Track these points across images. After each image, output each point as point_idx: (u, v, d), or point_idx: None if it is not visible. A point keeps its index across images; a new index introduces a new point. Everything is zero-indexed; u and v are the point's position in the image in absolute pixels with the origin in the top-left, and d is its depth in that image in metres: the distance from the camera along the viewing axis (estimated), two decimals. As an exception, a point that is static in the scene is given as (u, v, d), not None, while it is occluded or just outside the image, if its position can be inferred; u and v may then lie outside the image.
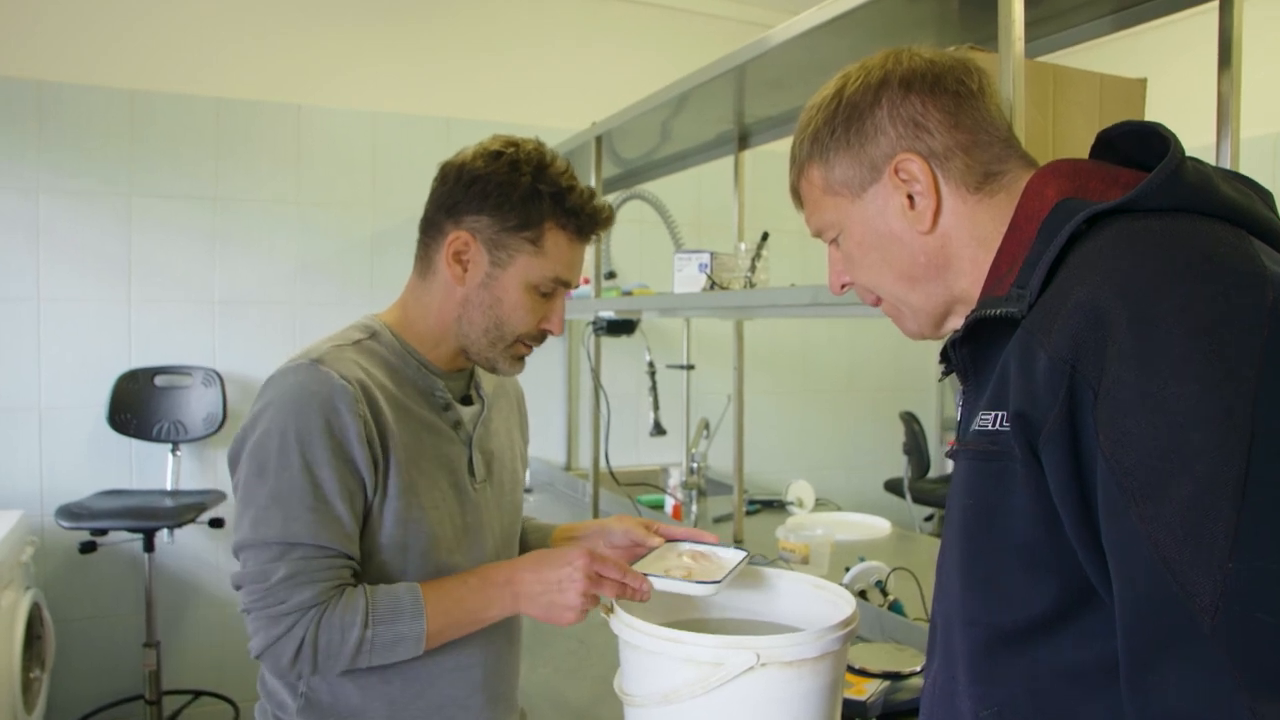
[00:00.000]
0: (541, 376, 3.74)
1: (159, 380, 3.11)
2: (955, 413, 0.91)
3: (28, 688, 2.78)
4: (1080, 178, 0.83)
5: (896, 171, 0.88)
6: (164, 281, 3.15)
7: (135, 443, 3.05)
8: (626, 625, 1.11)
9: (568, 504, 3.24)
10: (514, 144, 1.24)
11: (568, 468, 3.78)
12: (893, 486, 4.16)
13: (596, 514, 2.50)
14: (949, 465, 4.43)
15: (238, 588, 1.14)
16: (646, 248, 3.81)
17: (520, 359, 1.30)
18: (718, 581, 1.16)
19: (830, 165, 0.93)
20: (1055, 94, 1.11)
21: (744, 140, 2.43)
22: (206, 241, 3.20)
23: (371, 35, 3.43)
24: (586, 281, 2.58)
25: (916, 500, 3.89)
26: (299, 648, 1.10)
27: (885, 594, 1.87)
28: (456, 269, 1.23)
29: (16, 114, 2.97)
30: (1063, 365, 0.69)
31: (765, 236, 2.01)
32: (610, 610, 1.15)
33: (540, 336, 1.29)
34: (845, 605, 1.19)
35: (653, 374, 3.14)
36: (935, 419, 4.51)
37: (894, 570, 1.92)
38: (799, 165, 0.98)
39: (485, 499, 1.31)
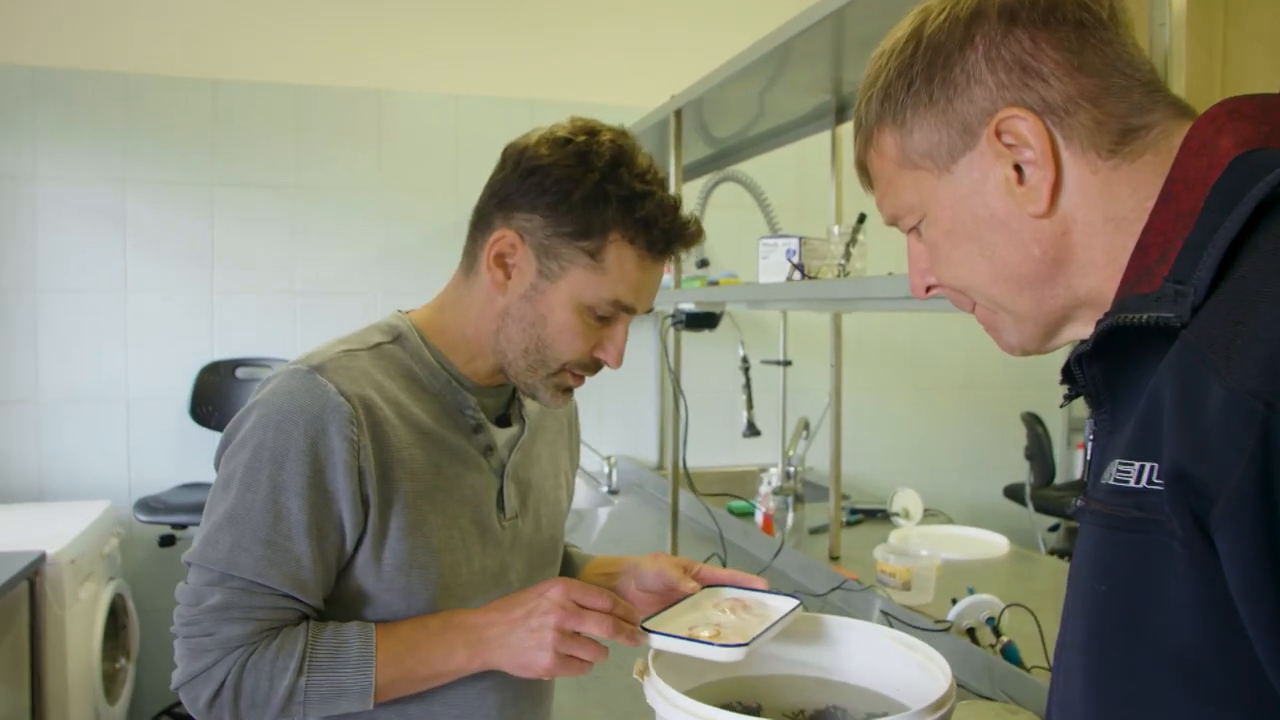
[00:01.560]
0: (632, 369, 3.56)
1: (240, 372, 3.06)
2: (1084, 414, 0.68)
3: (113, 677, 2.78)
4: (1273, 118, 0.58)
5: (998, 134, 0.65)
6: (245, 272, 3.11)
7: (217, 435, 3.01)
8: (661, 697, 0.90)
9: (655, 508, 3.05)
10: (590, 131, 1.03)
11: (659, 467, 3.59)
12: (1014, 493, 3.81)
13: (675, 524, 2.30)
14: (1077, 468, 4.07)
15: (179, 603, 0.99)
16: (745, 234, 3.56)
17: (567, 390, 1.09)
18: (744, 644, 0.93)
19: (907, 130, 0.71)
20: (1226, 22, 0.85)
21: (842, 112, 2.18)
22: (287, 231, 3.14)
23: (452, 17, 3.30)
24: (668, 270, 2.38)
25: (1039, 509, 3.55)
26: (217, 691, 0.94)
27: (998, 634, 1.61)
28: (498, 274, 1.03)
29: (103, 106, 2.96)
30: (1251, 404, 0.46)
31: (862, 219, 1.76)
32: (645, 672, 0.95)
33: (594, 366, 1.08)
34: (939, 675, 0.96)
35: (746, 370, 2.92)
36: (1063, 420, 4.13)
37: (1009, 607, 1.65)
38: (866, 132, 0.75)
39: (514, 537, 1.12)
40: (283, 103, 3.12)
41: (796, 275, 1.72)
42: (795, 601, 1.06)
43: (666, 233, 1.02)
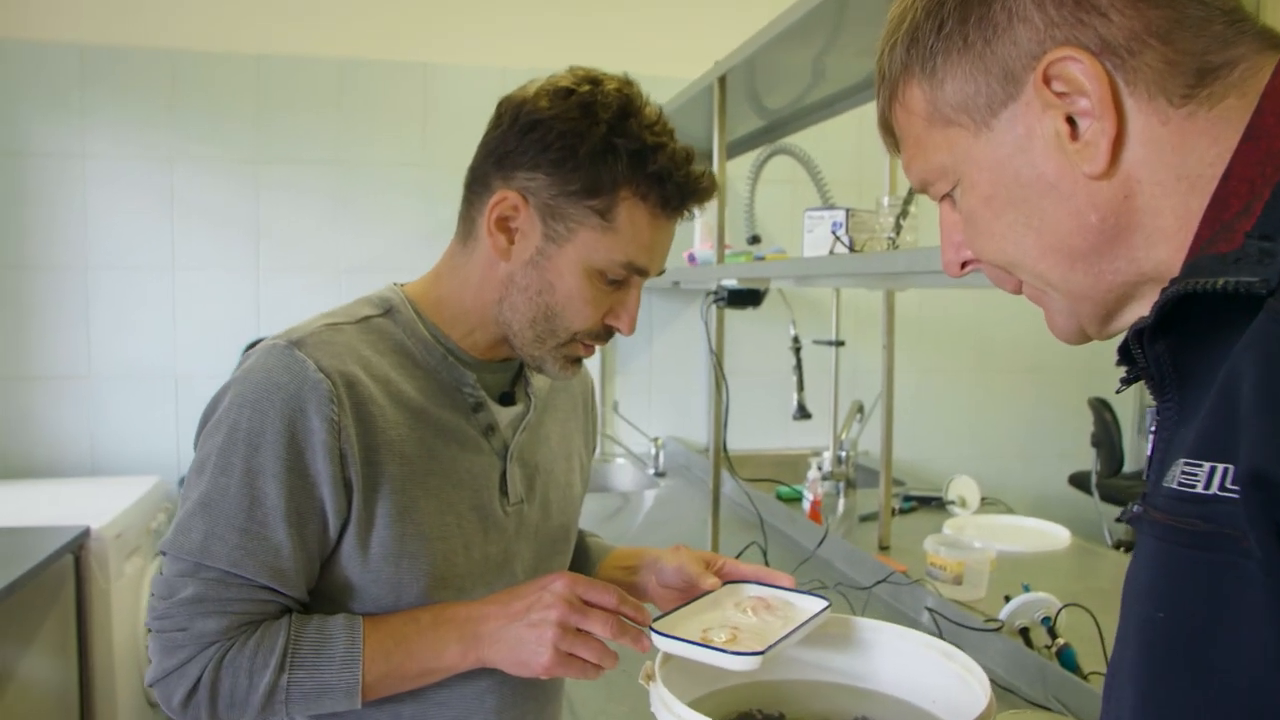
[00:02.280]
0: (681, 347, 3.48)
1: (285, 349, 3.05)
2: (1149, 430, 0.59)
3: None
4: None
5: (1047, 80, 0.56)
6: (291, 249, 3.09)
7: (264, 412, 3.01)
8: (664, 706, 0.83)
9: (702, 491, 2.97)
10: (593, 80, 0.95)
11: (709, 450, 3.51)
12: (1080, 481, 3.65)
13: (716, 509, 2.22)
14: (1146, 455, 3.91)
15: (153, 595, 0.94)
16: (798, 209, 3.44)
17: (575, 361, 1.02)
18: (758, 653, 0.85)
19: (938, 80, 0.61)
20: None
21: (898, 79, 2.05)
22: (332, 208, 3.11)
23: (502, -14, 3.23)
24: (711, 245, 2.29)
25: (1106, 499, 3.38)
26: (193, 688, 0.89)
27: (1054, 635, 1.51)
28: (500, 239, 0.96)
29: (150, 83, 2.96)
30: None
31: (913, 190, 1.65)
32: (651, 677, 0.88)
33: (605, 334, 1.01)
34: (978, 689, 0.86)
35: (797, 350, 2.82)
36: (1134, 405, 3.94)
37: (1066, 606, 1.54)
38: (890, 85, 0.66)
39: (519, 524, 1.05)
40: (327, 77, 3.09)
41: (840, 249, 1.62)
42: (824, 603, 0.98)
43: (681, 187, 0.94)
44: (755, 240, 3.03)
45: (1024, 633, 1.54)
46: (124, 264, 2.97)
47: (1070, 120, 0.56)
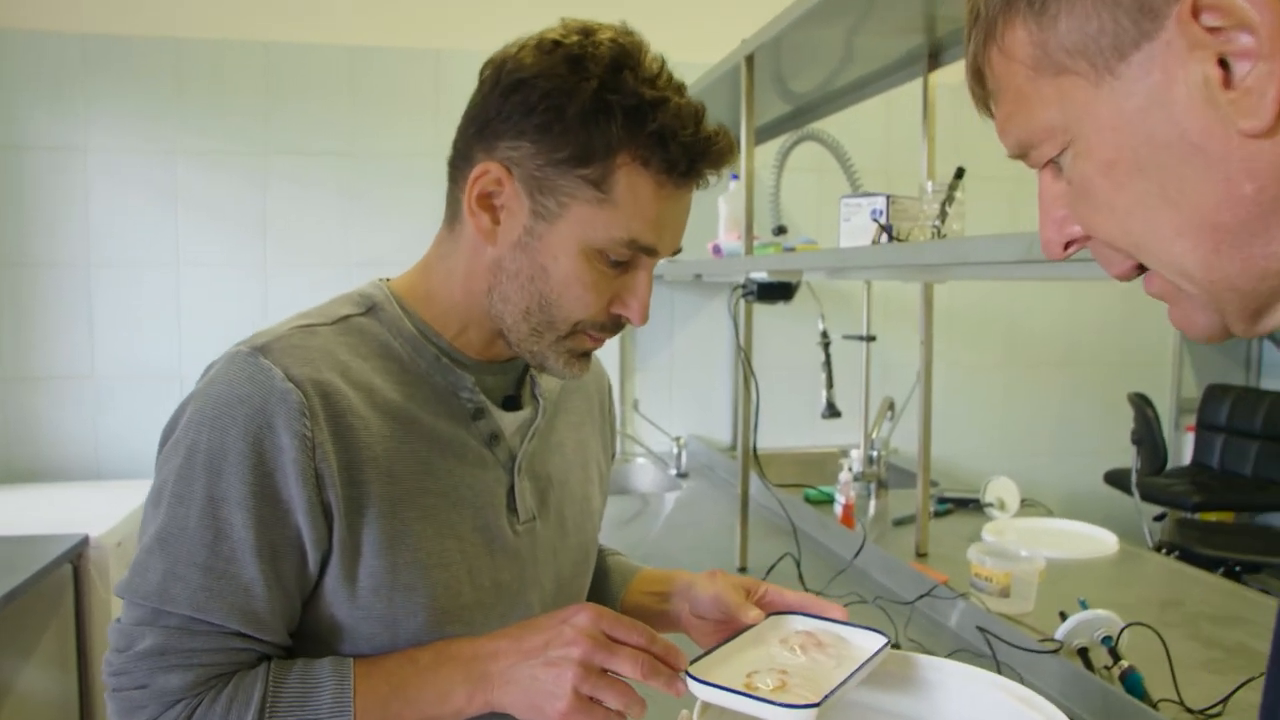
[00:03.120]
0: (704, 341, 3.36)
1: (294, 347, 2.96)
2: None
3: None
4: None
5: (1196, 12, 0.44)
6: (299, 244, 2.99)
7: (272, 412, 2.92)
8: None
9: (726, 493, 2.86)
10: (584, 31, 0.83)
11: (733, 448, 3.39)
12: (1116, 479, 3.52)
13: (745, 517, 2.10)
14: (1186, 454, 3.72)
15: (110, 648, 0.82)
16: (825, 199, 3.33)
17: (582, 356, 0.90)
18: (814, 705, 0.73)
19: (1050, 17, 0.50)
20: None
21: (935, 57, 1.93)
22: (342, 201, 3.01)
23: (515, -31, 3.12)
24: (739, 237, 2.17)
25: (1146, 498, 3.25)
26: None
27: (1117, 657, 1.38)
28: (483, 219, 0.84)
29: (154, 73, 2.86)
30: None
31: (960, 174, 1.53)
32: (690, 728, 0.77)
33: (613, 324, 0.88)
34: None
35: (826, 346, 2.69)
36: (1171, 401, 3.80)
37: (1129, 626, 1.42)
38: (986, 25, 0.54)
39: (533, 546, 0.94)
40: (336, 65, 2.98)
41: (884, 238, 1.50)
42: (883, 639, 0.86)
43: (688, 148, 0.81)
44: (781, 231, 2.91)
45: (1083, 653, 1.42)
46: (127, 261, 2.88)
47: (1223, 63, 0.44)
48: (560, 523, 0.97)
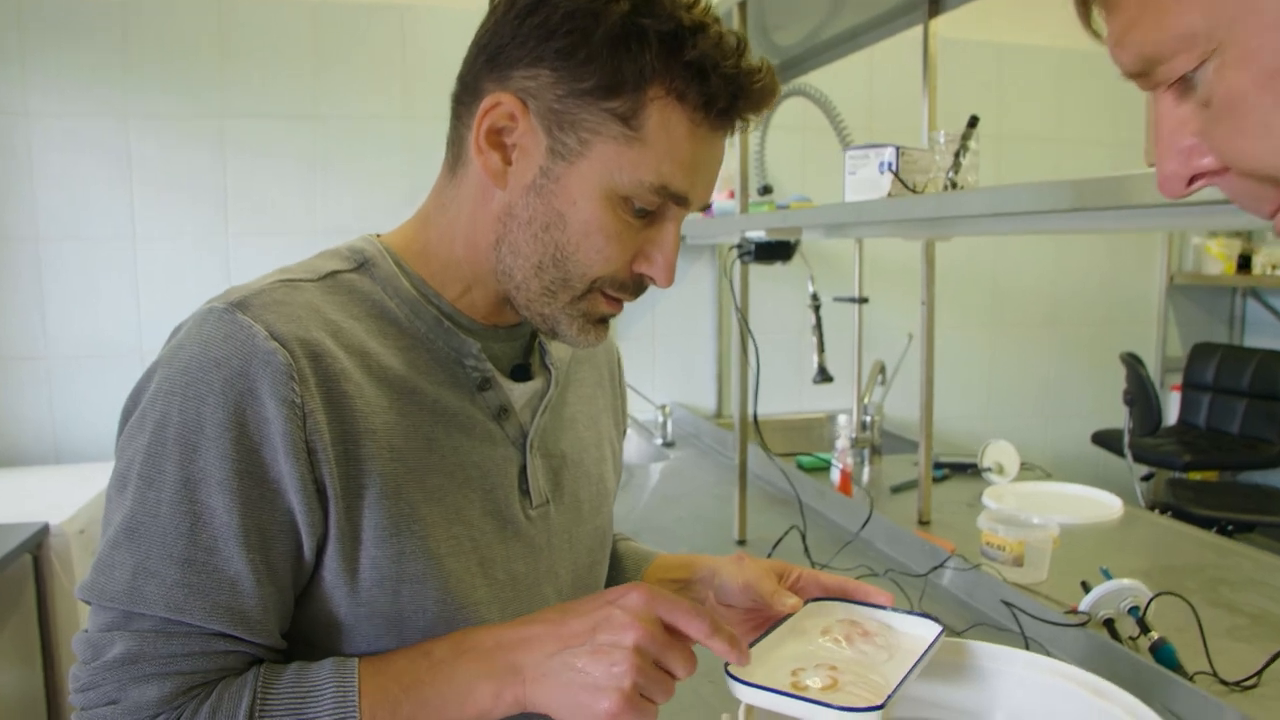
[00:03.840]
0: (687, 306, 3.27)
1: (260, 321, 2.82)
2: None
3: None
4: None
5: None
6: (261, 212, 2.84)
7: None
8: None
9: (714, 461, 2.78)
10: None
11: (718, 415, 3.31)
12: (1105, 440, 3.48)
13: (744, 480, 2.01)
14: (1172, 413, 3.68)
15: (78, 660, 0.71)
16: (810, 159, 3.23)
17: (600, 322, 0.79)
18: (878, 707, 0.65)
19: None
20: None
21: (936, 2, 1.83)
22: (305, 166, 2.86)
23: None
24: (731, 195, 2.07)
25: (1139, 459, 3.21)
26: None
27: (1145, 628, 1.32)
28: (493, 158, 0.74)
29: (100, 31, 2.68)
30: None
31: (974, 122, 1.44)
32: (736, 738, 0.68)
33: (635, 285, 0.78)
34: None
35: (817, 309, 2.61)
36: (1156, 360, 3.77)
37: (1158, 596, 1.35)
38: None
39: (548, 532, 0.84)
40: (296, 22, 2.82)
41: (891, 191, 1.41)
42: (936, 627, 0.78)
43: (730, 81, 0.71)
44: (767, 190, 2.82)
45: (1109, 625, 1.35)
46: (79, 234, 2.72)
47: None
48: (575, 506, 0.87)
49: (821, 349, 2.54)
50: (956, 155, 1.41)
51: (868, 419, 2.64)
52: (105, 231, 2.73)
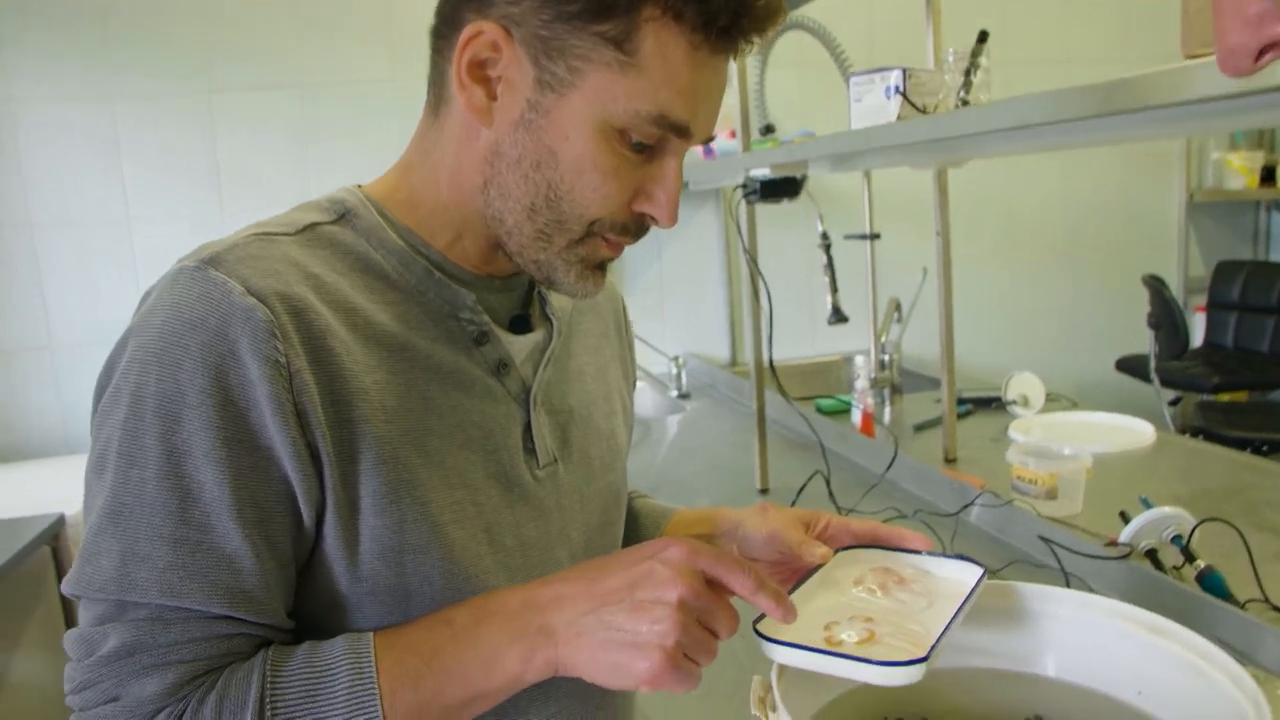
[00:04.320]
0: (694, 252, 3.20)
1: (263, 298, 2.78)
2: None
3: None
4: None
5: None
6: (254, 187, 2.78)
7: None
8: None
9: (731, 410, 2.73)
10: None
11: (732, 364, 3.26)
12: (1130, 366, 3.41)
13: (763, 429, 1.97)
14: (1198, 335, 3.60)
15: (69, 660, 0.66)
16: (810, 95, 3.13)
17: (598, 269, 0.74)
18: (921, 659, 0.60)
19: None
20: None
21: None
22: (296, 137, 2.79)
23: None
24: (732, 135, 1.99)
25: (1166, 383, 3.14)
26: None
27: (1190, 558, 1.27)
28: (476, 94, 0.68)
29: (79, 14, 2.61)
30: None
31: (984, 37, 1.36)
32: (767, 704, 0.63)
33: (635, 226, 0.72)
34: (1223, 681, 0.62)
35: (827, 248, 2.53)
36: (1179, 282, 3.67)
37: (1204, 522, 1.30)
38: None
39: (557, 493, 0.79)
40: (275, -13, 2.74)
41: (900, 114, 1.34)
42: (977, 570, 0.73)
43: (730, 1, 0.65)
44: (769, 130, 2.74)
45: (1151, 555, 1.30)
46: (74, 220, 2.67)
47: None
48: (585, 464, 0.82)
49: (834, 289, 2.47)
50: (967, 73, 1.33)
51: (886, 358, 2.58)
52: (100, 216, 2.69)
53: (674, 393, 3.01)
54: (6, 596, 2.12)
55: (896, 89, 1.35)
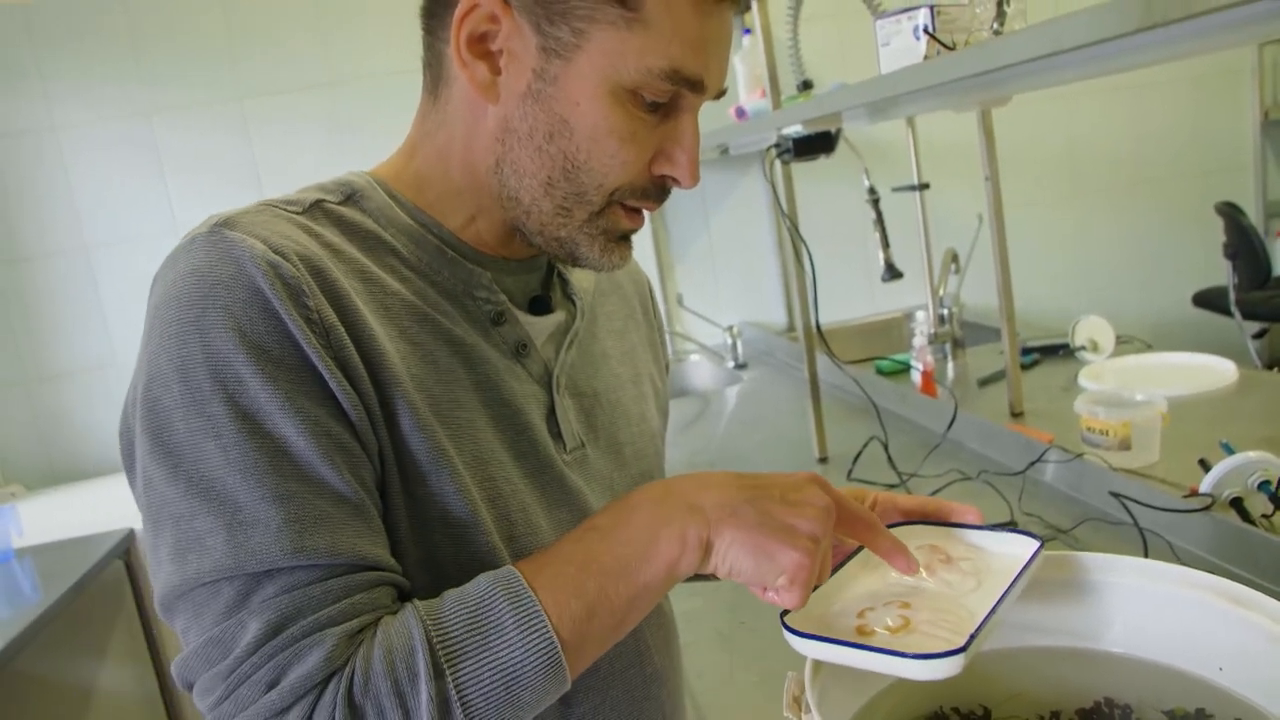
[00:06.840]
0: (742, 219, 3.12)
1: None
2: None
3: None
4: None
5: None
6: (293, 185, 2.76)
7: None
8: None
9: (790, 378, 2.66)
10: None
11: (789, 330, 3.18)
12: (1208, 300, 3.23)
13: (817, 395, 1.90)
14: (1278, 263, 3.39)
15: (187, 686, 0.59)
16: (846, 48, 3.03)
17: (622, 240, 0.70)
18: (958, 650, 0.55)
19: None
20: None
21: None
22: (331, 135, 2.79)
23: None
24: (763, 94, 1.91)
25: (1248, 316, 2.98)
26: None
27: (1278, 504, 1.18)
28: (479, 69, 0.65)
29: (108, 31, 2.63)
30: None
31: (1016, -38, 1.27)
32: (800, 707, 0.58)
33: (657, 191, 0.68)
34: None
35: (875, 202, 2.44)
36: (1258, 207, 3.47)
37: (1293, 463, 1.20)
38: None
39: (586, 479, 0.75)
40: (298, -12, 2.73)
41: (927, 54, 1.26)
42: (1033, 543, 0.67)
43: None
44: (807, 86, 2.64)
45: (1237, 504, 1.21)
46: (124, 237, 2.72)
47: None
48: (615, 449, 0.78)
49: (886, 244, 2.38)
50: (1000, 3, 1.25)
51: (945, 311, 2.49)
52: (148, 229, 2.72)
53: (731, 364, 2.95)
54: (86, 611, 2.18)
55: (925, 28, 1.27)
